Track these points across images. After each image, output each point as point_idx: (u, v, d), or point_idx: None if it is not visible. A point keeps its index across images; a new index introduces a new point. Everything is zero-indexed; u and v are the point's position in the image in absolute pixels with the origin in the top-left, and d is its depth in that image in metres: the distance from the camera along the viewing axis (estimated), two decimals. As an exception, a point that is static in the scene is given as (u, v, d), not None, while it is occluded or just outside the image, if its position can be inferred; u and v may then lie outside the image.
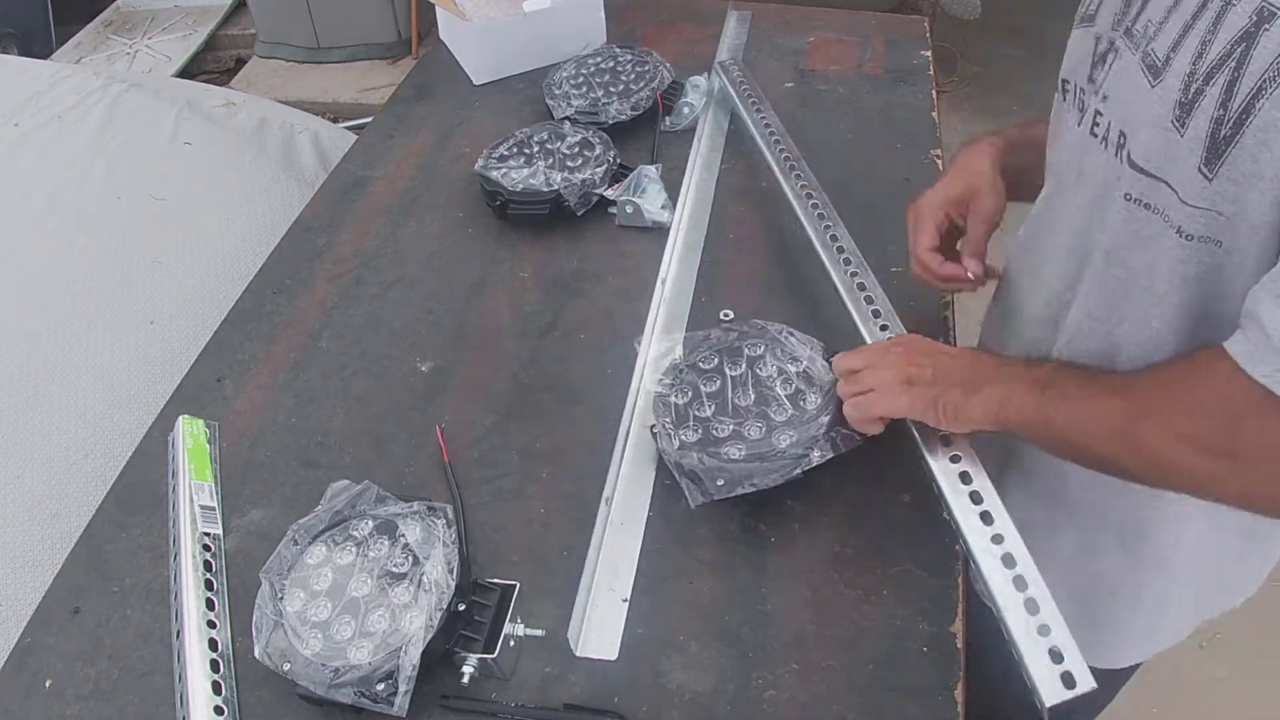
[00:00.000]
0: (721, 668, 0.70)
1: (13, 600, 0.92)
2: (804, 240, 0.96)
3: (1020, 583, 0.63)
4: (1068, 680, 0.58)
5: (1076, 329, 0.73)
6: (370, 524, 0.74)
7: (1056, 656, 0.59)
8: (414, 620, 0.67)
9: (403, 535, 0.72)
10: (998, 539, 0.66)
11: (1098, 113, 0.66)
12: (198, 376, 0.97)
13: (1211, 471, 0.58)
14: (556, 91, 1.28)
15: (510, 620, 0.69)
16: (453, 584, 0.69)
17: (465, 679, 0.68)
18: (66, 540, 0.83)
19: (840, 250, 0.92)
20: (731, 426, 0.79)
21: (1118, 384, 0.65)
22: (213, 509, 0.83)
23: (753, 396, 0.81)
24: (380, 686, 0.65)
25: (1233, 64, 0.53)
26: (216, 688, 0.69)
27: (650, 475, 0.83)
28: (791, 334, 0.86)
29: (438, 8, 1.44)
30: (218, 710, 0.68)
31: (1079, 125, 0.68)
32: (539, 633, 0.71)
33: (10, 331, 1.16)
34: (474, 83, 1.41)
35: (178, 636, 0.73)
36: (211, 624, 0.74)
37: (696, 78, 1.30)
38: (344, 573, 0.71)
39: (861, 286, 0.88)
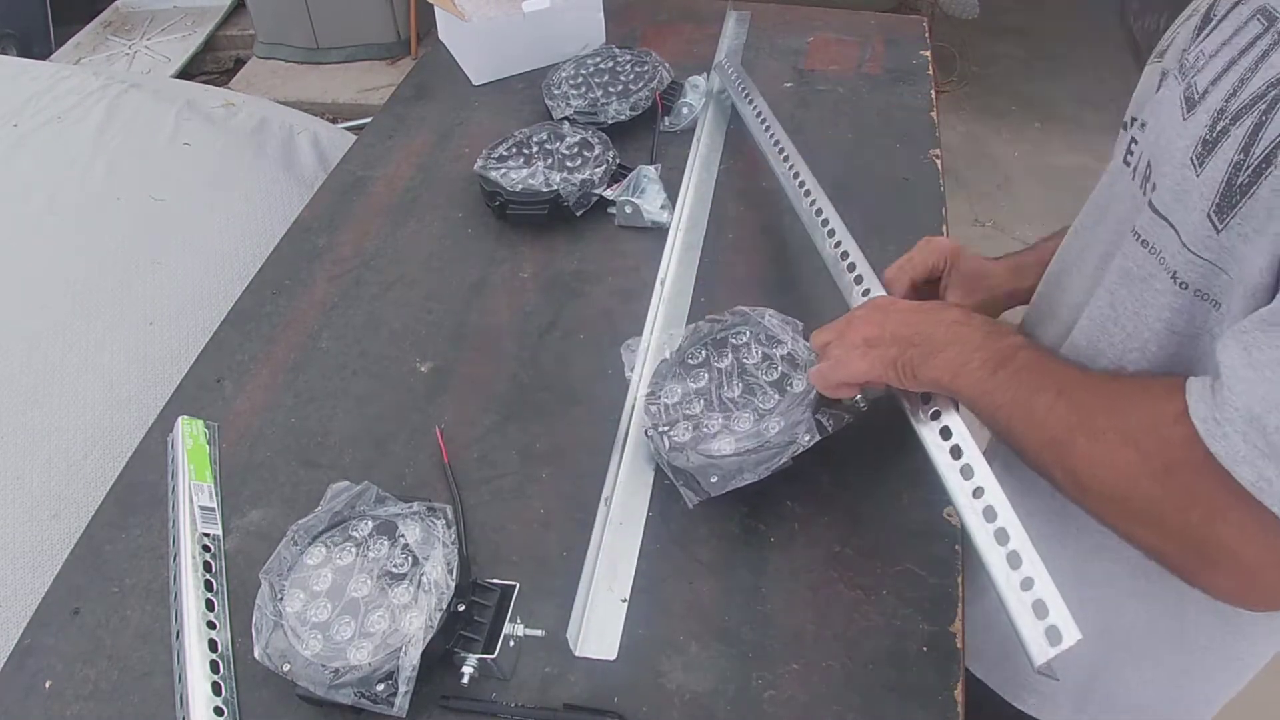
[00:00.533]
0: (721, 668, 0.70)
1: (13, 600, 0.92)
2: (804, 240, 0.96)
3: (1002, 536, 0.61)
4: (1053, 635, 0.55)
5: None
6: (370, 524, 0.74)
7: (1041, 610, 0.57)
8: (414, 621, 0.67)
9: (402, 536, 0.72)
10: (978, 492, 0.63)
11: (1133, 139, 0.63)
12: (197, 377, 0.97)
13: (1126, 509, 0.55)
14: (555, 92, 1.28)
15: (510, 620, 0.69)
16: (452, 584, 0.69)
17: (465, 679, 0.68)
18: (66, 541, 0.83)
19: (825, 223, 0.90)
20: (720, 421, 0.79)
21: (1069, 384, 0.60)
22: (212, 510, 0.83)
23: (740, 388, 0.81)
24: (380, 687, 0.65)
25: (1263, 107, 0.49)
26: (216, 688, 0.69)
27: (649, 475, 0.83)
28: (774, 317, 0.85)
29: (437, 8, 1.44)
30: (218, 711, 0.68)
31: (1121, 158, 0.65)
32: (539, 633, 0.71)
33: (10, 331, 1.17)
34: (473, 83, 1.41)
35: (178, 637, 0.73)
36: (211, 624, 0.74)
37: (696, 78, 1.30)
38: (344, 573, 0.71)
39: (845, 254, 0.86)
